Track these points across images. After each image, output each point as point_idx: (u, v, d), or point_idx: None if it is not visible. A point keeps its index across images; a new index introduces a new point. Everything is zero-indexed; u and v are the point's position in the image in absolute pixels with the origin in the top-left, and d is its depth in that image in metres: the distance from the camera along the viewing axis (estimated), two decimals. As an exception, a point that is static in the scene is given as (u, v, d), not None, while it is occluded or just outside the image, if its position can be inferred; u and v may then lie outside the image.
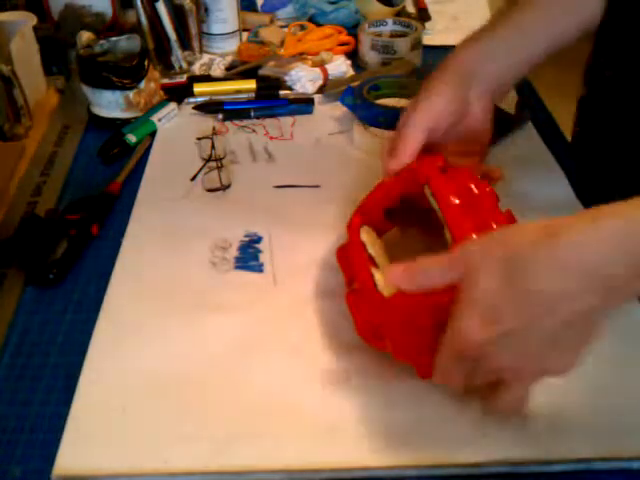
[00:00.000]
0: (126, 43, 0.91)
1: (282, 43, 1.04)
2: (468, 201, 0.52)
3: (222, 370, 0.57)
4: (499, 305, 0.42)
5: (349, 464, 0.50)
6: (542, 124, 0.87)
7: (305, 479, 0.50)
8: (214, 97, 0.94)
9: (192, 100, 0.94)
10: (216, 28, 1.06)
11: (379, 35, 1.04)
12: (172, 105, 0.91)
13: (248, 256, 0.68)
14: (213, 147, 0.82)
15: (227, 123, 0.90)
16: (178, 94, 0.94)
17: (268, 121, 0.91)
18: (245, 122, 0.90)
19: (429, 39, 1.10)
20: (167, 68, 1.01)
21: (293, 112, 0.92)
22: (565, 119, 0.89)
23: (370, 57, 1.02)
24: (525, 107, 0.87)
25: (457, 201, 0.51)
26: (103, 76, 0.86)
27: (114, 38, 0.91)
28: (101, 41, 0.91)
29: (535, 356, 0.43)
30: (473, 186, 0.52)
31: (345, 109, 0.89)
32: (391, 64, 1.00)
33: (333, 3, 1.13)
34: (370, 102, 0.86)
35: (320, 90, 0.96)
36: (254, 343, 0.59)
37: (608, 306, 0.42)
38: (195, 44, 1.04)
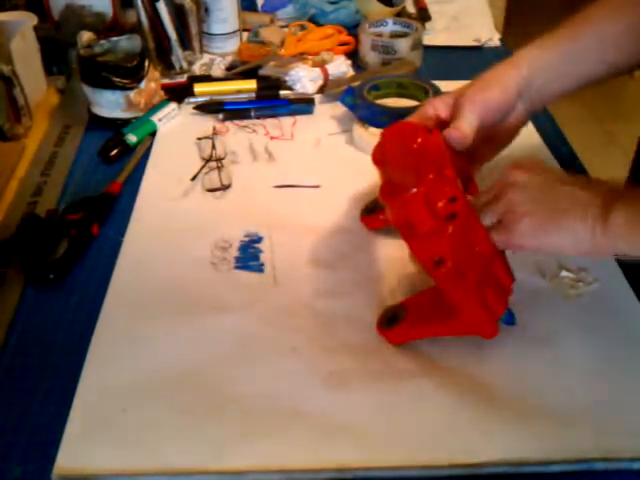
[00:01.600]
0: (126, 43, 0.91)
1: (282, 43, 1.04)
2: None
3: (222, 370, 0.57)
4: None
5: (349, 464, 0.50)
6: (542, 124, 0.87)
7: (305, 479, 0.50)
8: (214, 97, 0.94)
9: (192, 100, 0.94)
10: (216, 28, 1.06)
11: (379, 35, 1.04)
12: (172, 105, 0.91)
13: (248, 256, 0.68)
14: (213, 147, 0.82)
15: (227, 123, 0.90)
16: (178, 94, 0.94)
17: (268, 121, 0.91)
18: (245, 122, 0.90)
19: (429, 39, 1.10)
20: (167, 68, 1.01)
21: (293, 112, 0.92)
22: (565, 119, 0.88)
23: (370, 57, 1.02)
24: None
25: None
26: (103, 76, 0.86)
27: (114, 38, 0.91)
28: (101, 41, 0.91)
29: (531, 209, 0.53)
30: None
31: (345, 109, 0.89)
32: (391, 64, 1.00)
33: (333, 3, 1.13)
34: (370, 102, 0.86)
35: (320, 90, 0.96)
36: (254, 343, 0.59)
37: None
38: (195, 44, 1.04)
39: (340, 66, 0.99)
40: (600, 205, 0.50)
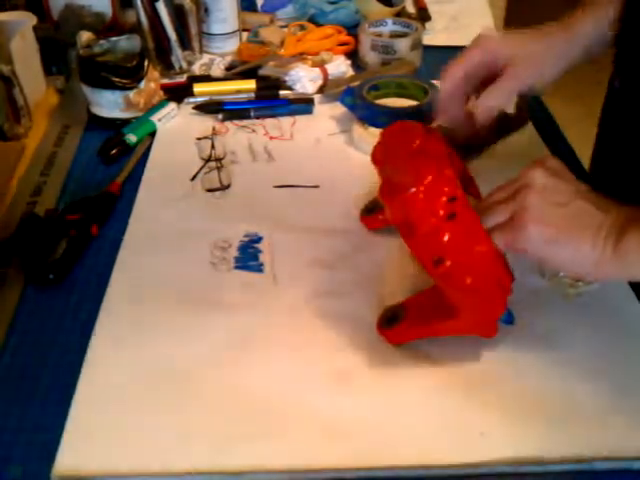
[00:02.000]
0: (126, 43, 0.91)
1: (282, 43, 1.04)
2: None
3: (222, 370, 0.57)
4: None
5: (349, 464, 0.50)
6: (542, 124, 0.87)
7: (305, 479, 0.50)
8: (214, 97, 0.94)
9: (192, 100, 0.94)
10: (216, 28, 1.06)
11: (379, 35, 1.04)
12: (172, 105, 0.91)
13: (248, 256, 0.68)
14: (213, 147, 0.82)
15: (227, 123, 0.90)
16: (178, 94, 0.94)
17: (268, 121, 0.91)
18: (245, 122, 0.90)
19: (429, 39, 1.10)
20: (167, 68, 1.01)
21: (293, 112, 0.92)
22: (565, 119, 0.88)
23: (370, 57, 1.02)
24: (524, 108, 0.87)
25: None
26: (103, 76, 0.86)
27: (114, 38, 0.91)
28: (101, 41, 0.91)
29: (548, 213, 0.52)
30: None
31: (345, 109, 0.89)
32: (391, 64, 1.00)
33: (333, 3, 1.13)
34: (370, 102, 0.86)
35: (320, 90, 0.96)
36: (254, 343, 0.59)
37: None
38: (195, 44, 1.04)
39: (340, 66, 0.99)
40: (613, 227, 0.50)
